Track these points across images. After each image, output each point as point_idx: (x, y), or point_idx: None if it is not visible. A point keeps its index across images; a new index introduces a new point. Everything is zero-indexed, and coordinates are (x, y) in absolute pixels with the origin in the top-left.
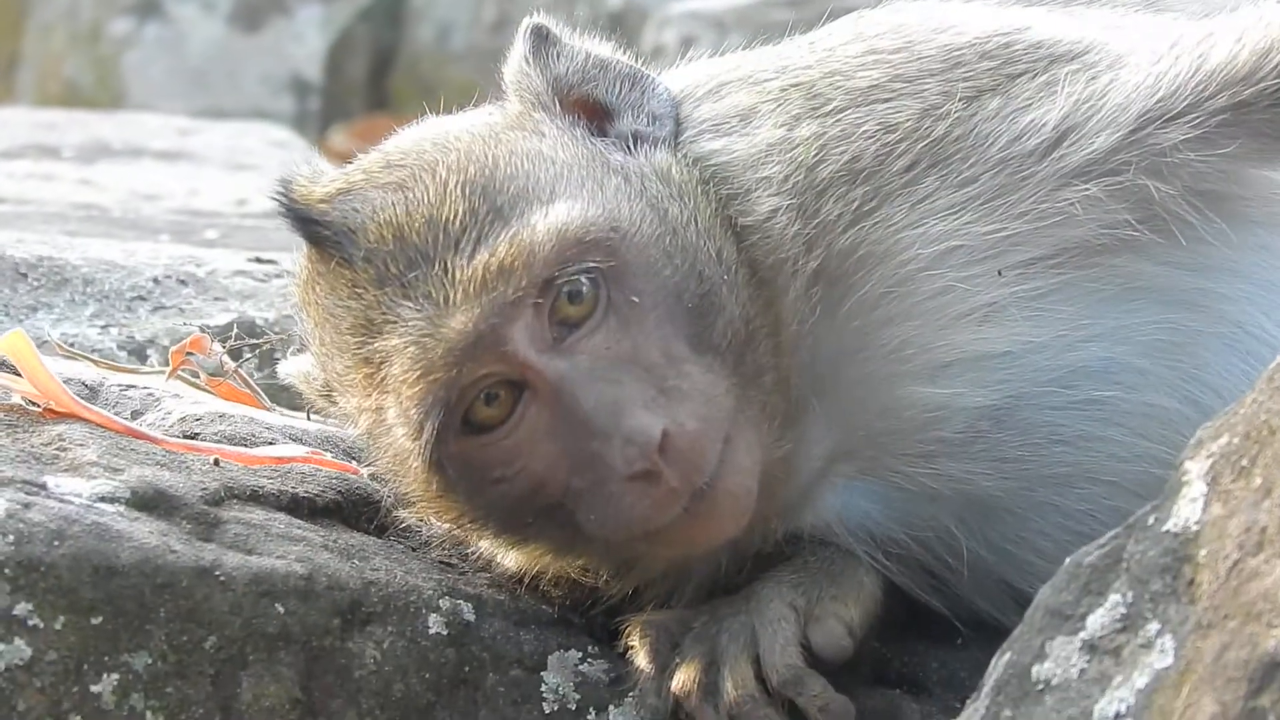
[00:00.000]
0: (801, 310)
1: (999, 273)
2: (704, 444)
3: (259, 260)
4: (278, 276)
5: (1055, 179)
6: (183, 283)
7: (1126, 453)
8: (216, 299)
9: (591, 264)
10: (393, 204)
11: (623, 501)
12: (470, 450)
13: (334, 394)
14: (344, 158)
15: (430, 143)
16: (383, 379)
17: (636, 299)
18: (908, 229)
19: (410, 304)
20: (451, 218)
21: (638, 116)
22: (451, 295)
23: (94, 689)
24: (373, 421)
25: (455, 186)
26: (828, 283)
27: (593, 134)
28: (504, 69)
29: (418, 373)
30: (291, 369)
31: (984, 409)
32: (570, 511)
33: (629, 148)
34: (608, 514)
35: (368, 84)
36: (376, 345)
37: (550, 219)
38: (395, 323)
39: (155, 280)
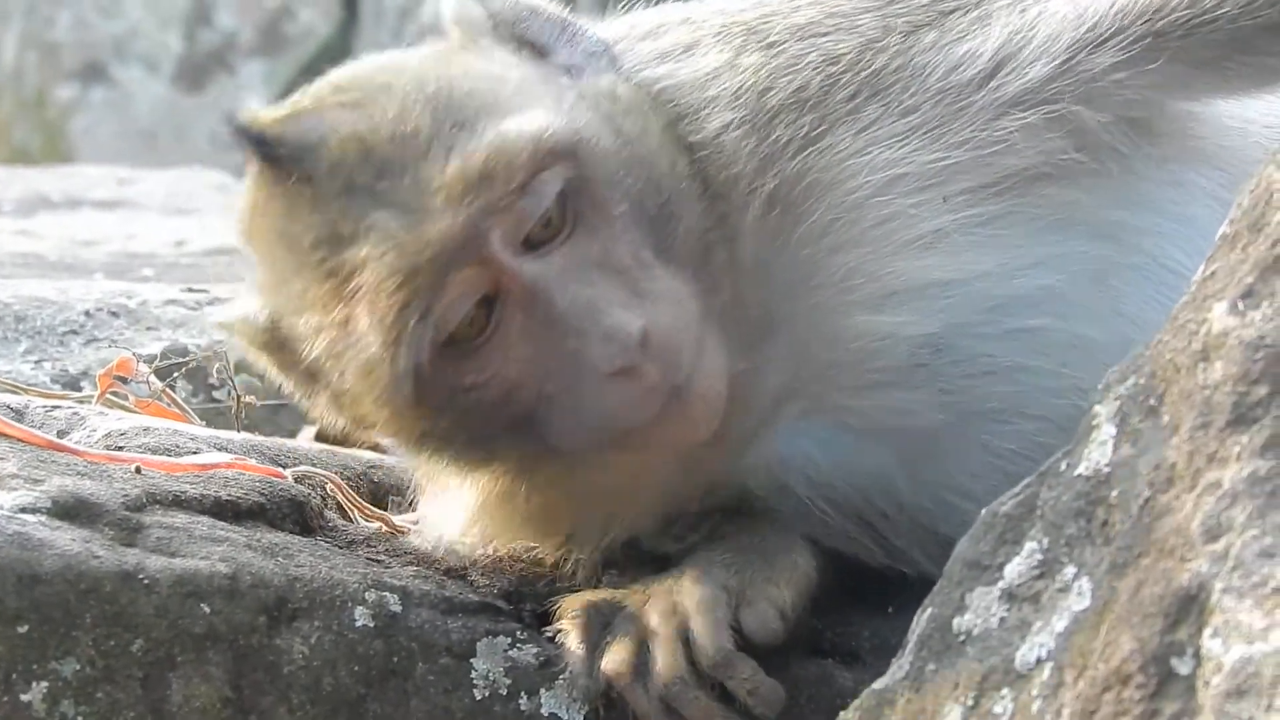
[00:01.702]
0: (758, 234)
1: (943, 199)
2: (681, 342)
3: (190, 289)
4: (209, 304)
5: (993, 108)
6: (114, 314)
7: (1055, 384)
8: (148, 328)
9: (562, 170)
10: (353, 121)
11: (600, 401)
12: (444, 357)
13: (280, 327)
14: None
15: (376, 69)
16: (352, 290)
17: (603, 206)
18: (854, 157)
19: (384, 212)
20: (417, 130)
21: (573, 54)
22: (428, 201)
23: (24, 698)
24: (336, 337)
25: (415, 102)
26: (780, 209)
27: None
28: (442, 9)
29: (396, 279)
30: (225, 314)
31: (927, 337)
32: (540, 423)
33: (570, 75)
34: (583, 417)
35: None
36: (345, 256)
37: (521, 127)
38: (367, 231)
39: (87, 314)
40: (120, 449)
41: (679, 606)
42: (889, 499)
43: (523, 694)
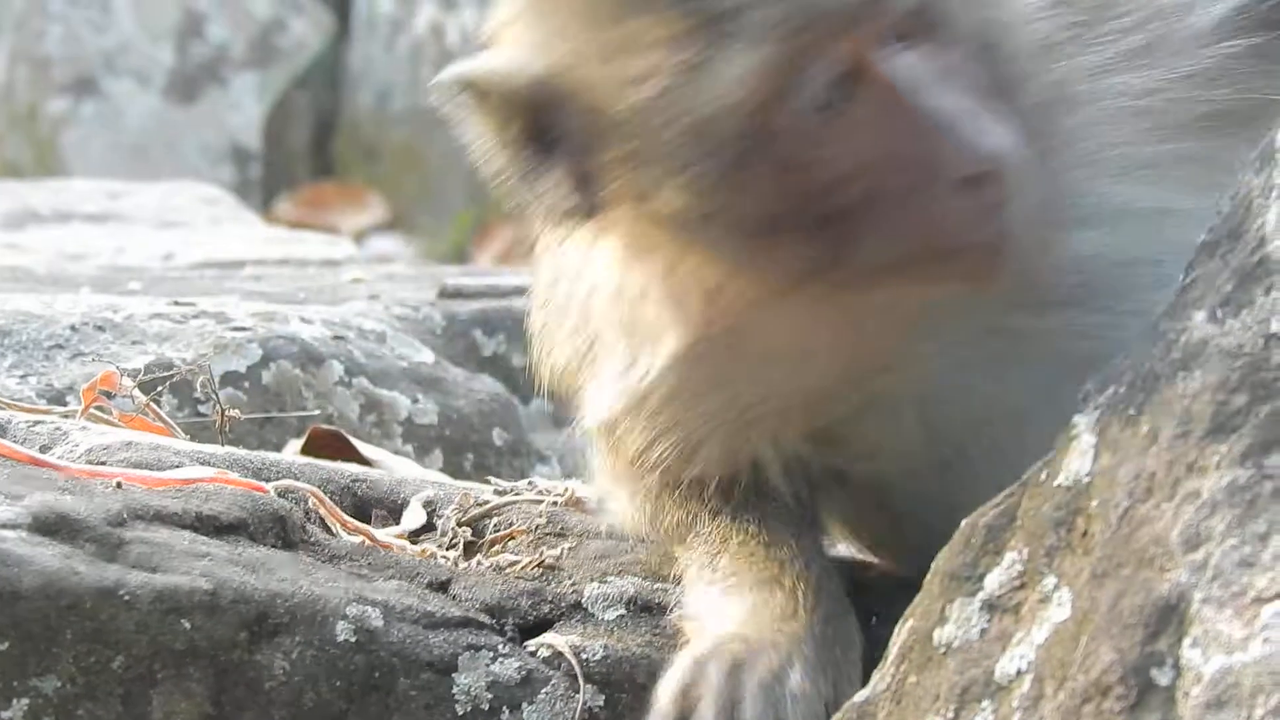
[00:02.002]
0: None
1: (1162, 129)
2: (1026, 172)
3: (177, 303)
4: (195, 318)
5: (1202, 35)
6: (100, 329)
7: None
8: (134, 342)
9: None
10: None
11: (943, 206)
12: (792, 126)
13: (561, 80)
14: (292, 226)
15: None
16: (717, 36)
17: (962, 31)
18: (1097, 75)
19: None
20: None
21: None
22: None
23: (5, 715)
24: (672, 82)
25: None
26: (1042, 114)
27: None
28: None
29: (779, 32)
30: (463, 70)
31: (1113, 263)
32: (848, 226)
33: None
34: (918, 220)
35: (309, 150)
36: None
37: None
38: None
39: (72, 328)
40: (102, 464)
41: (778, 695)
42: (994, 453)
43: (505, 709)
